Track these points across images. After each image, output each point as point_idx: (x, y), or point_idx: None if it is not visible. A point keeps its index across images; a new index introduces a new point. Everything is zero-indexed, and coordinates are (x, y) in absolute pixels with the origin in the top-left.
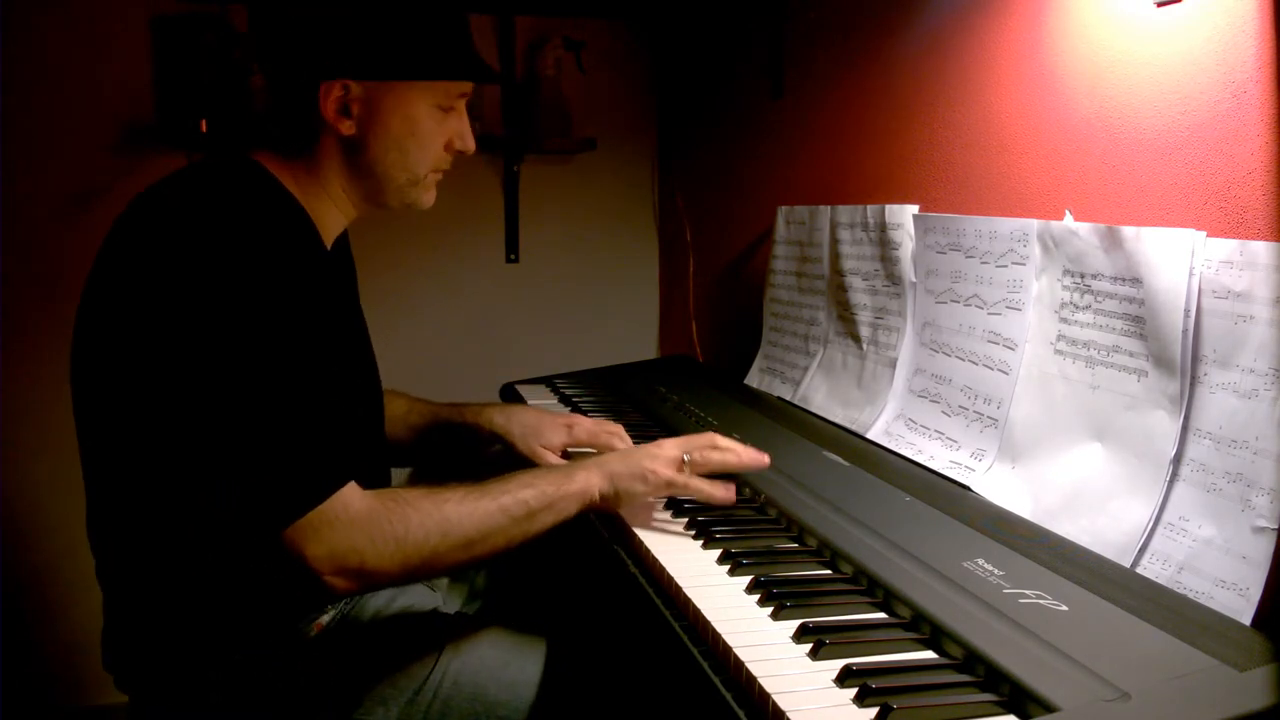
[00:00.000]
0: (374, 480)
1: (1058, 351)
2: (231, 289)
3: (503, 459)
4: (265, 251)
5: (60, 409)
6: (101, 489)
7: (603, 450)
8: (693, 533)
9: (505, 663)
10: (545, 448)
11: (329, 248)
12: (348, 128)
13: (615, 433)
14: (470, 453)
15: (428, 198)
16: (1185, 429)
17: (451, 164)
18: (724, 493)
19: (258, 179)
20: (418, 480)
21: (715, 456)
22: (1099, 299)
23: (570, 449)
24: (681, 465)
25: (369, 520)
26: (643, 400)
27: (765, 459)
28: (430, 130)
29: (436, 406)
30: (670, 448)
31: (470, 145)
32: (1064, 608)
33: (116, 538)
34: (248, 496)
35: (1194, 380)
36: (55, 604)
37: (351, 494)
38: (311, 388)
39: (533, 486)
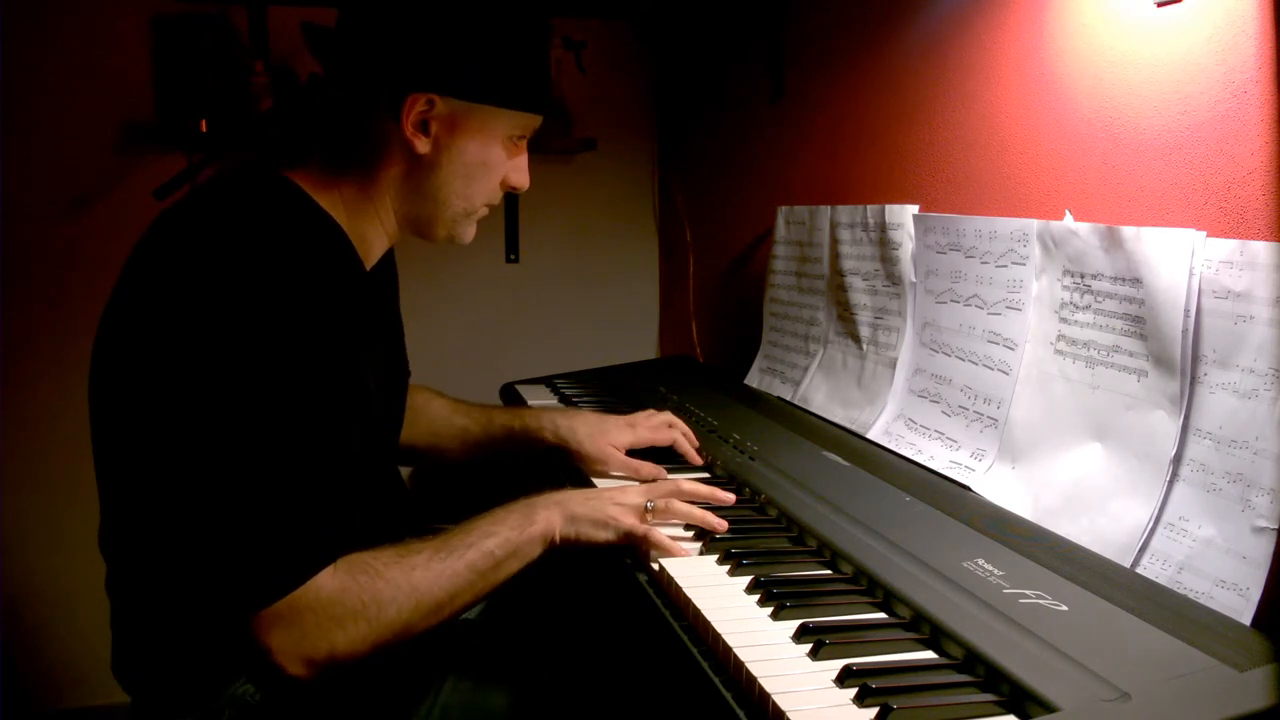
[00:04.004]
0: (388, 501)
1: (1058, 351)
2: (249, 333)
3: (557, 469)
4: (290, 292)
5: (61, 407)
6: (110, 506)
7: (667, 445)
8: (693, 533)
9: (506, 666)
10: (614, 446)
11: (369, 268)
12: (423, 145)
13: (669, 421)
14: (523, 460)
15: (471, 232)
16: (1185, 429)
17: (500, 199)
18: (682, 550)
19: (293, 203)
20: (419, 480)
21: (680, 508)
22: (1099, 299)
23: (635, 447)
24: (644, 513)
25: (340, 603)
26: (643, 400)
27: (723, 524)
28: (499, 162)
29: (489, 410)
30: (634, 495)
31: (526, 182)
32: (1064, 608)
33: (120, 555)
34: (218, 568)
35: (1194, 380)
36: (57, 603)
37: (323, 576)
38: (313, 452)
39: (496, 535)
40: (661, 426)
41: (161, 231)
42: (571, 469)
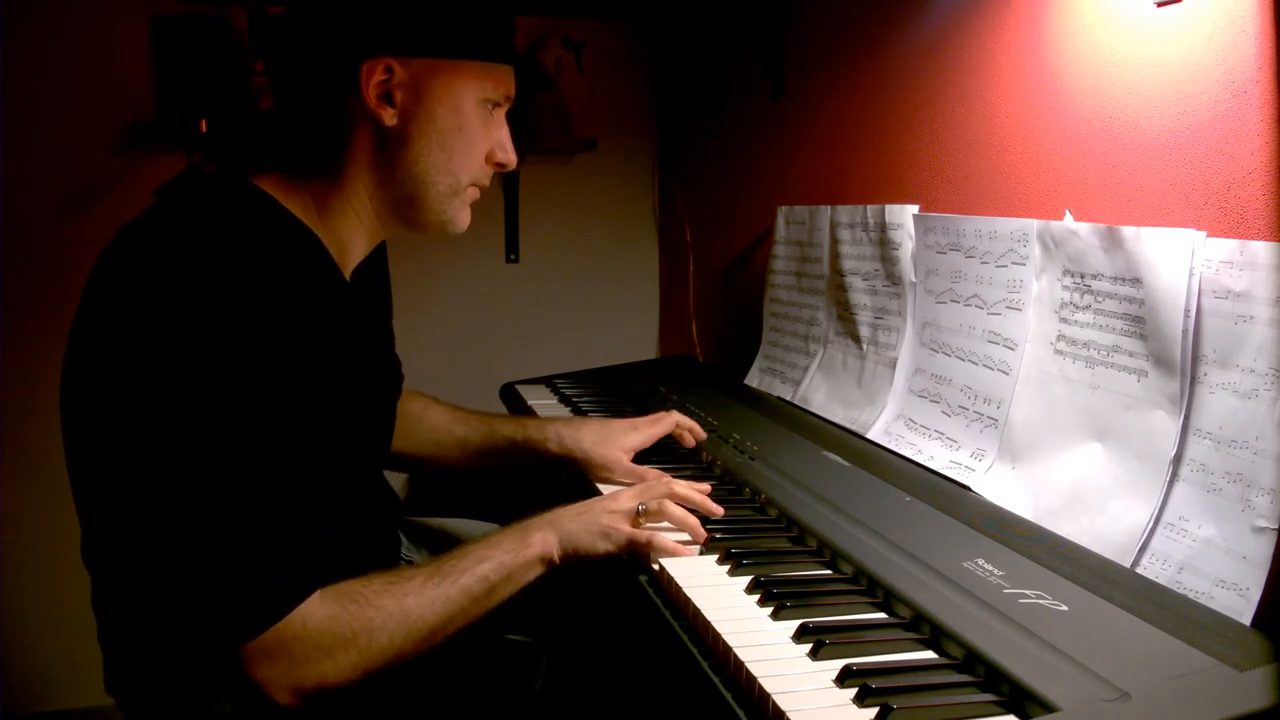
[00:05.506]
0: (378, 512)
1: (1058, 351)
2: (216, 354)
3: (560, 475)
4: (257, 308)
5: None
6: (88, 524)
7: (675, 439)
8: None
9: (505, 667)
10: (621, 450)
11: (350, 274)
12: (390, 117)
13: (671, 414)
14: (527, 470)
15: (464, 217)
16: (1185, 429)
17: (489, 180)
18: (687, 552)
19: (260, 212)
20: (418, 490)
21: (673, 512)
22: (1099, 299)
23: (643, 447)
24: (636, 517)
25: (329, 633)
26: (643, 400)
27: (705, 534)
28: (475, 128)
29: (491, 419)
30: (626, 499)
31: (512, 157)
32: (1064, 608)
33: (102, 572)
34: (199, 599)
35: (1194, 380)
36: (51, 603)
37: (312, 605)
38: (291, 476)
39: (490, 559)
40: (661, 418)
41: (123, 248)
42: (576, 474)
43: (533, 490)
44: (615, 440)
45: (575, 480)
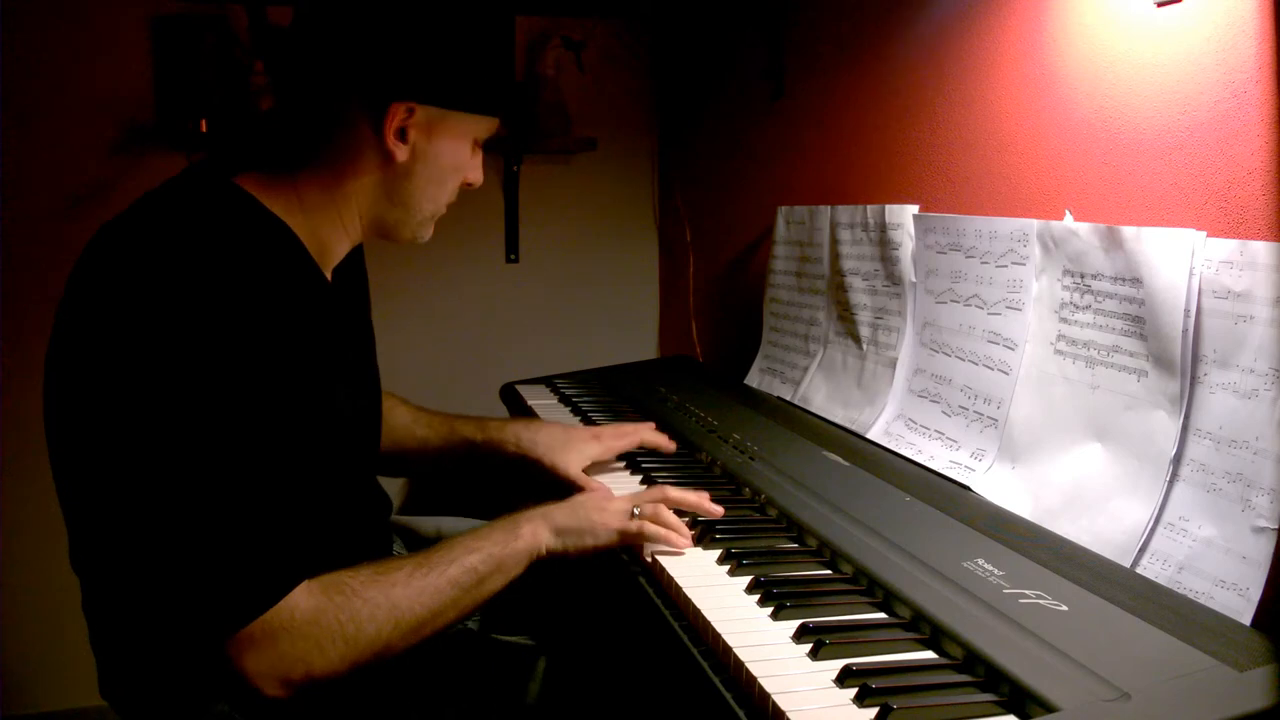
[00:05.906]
0: (369, 514)
1: (1058, 351)
2: (193, 352)
3: (525, 483)
4: (235, 306)
5: None
6: (74, 527)
7: (635, 448)
8: (693, 533)
9: (505, 668)
10: (579, 458)
11: (330, 274)
12: (402, 154)
13: (639, 430)
14: (489, 471)
15: (431, 231)
16: (1185, 429)
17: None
18: (681, 539)
19: (241, 211)
20: (415, 490)
21: (667, 518)
22: (1099, 299)
23: (602, 459)
24: (631, 517)
25: (316, 624)
26: (643, 400)
27: (688, 542)
28: (465, 165)
29: (451, 420)
30: (620, 501)
31: (480, 180)
32: (1064, 608)
33: (90, 576)
34: (185, 594)
35: (1194, 380)
36: (48, 604)
37: (298, 595)
38: (270, 470)
39: (479, 550)
40: (628, 434)
41: (99, 248)
42: (539, 482)
43: (528, 491)
44: (573, 447)
45: (551, 493)
